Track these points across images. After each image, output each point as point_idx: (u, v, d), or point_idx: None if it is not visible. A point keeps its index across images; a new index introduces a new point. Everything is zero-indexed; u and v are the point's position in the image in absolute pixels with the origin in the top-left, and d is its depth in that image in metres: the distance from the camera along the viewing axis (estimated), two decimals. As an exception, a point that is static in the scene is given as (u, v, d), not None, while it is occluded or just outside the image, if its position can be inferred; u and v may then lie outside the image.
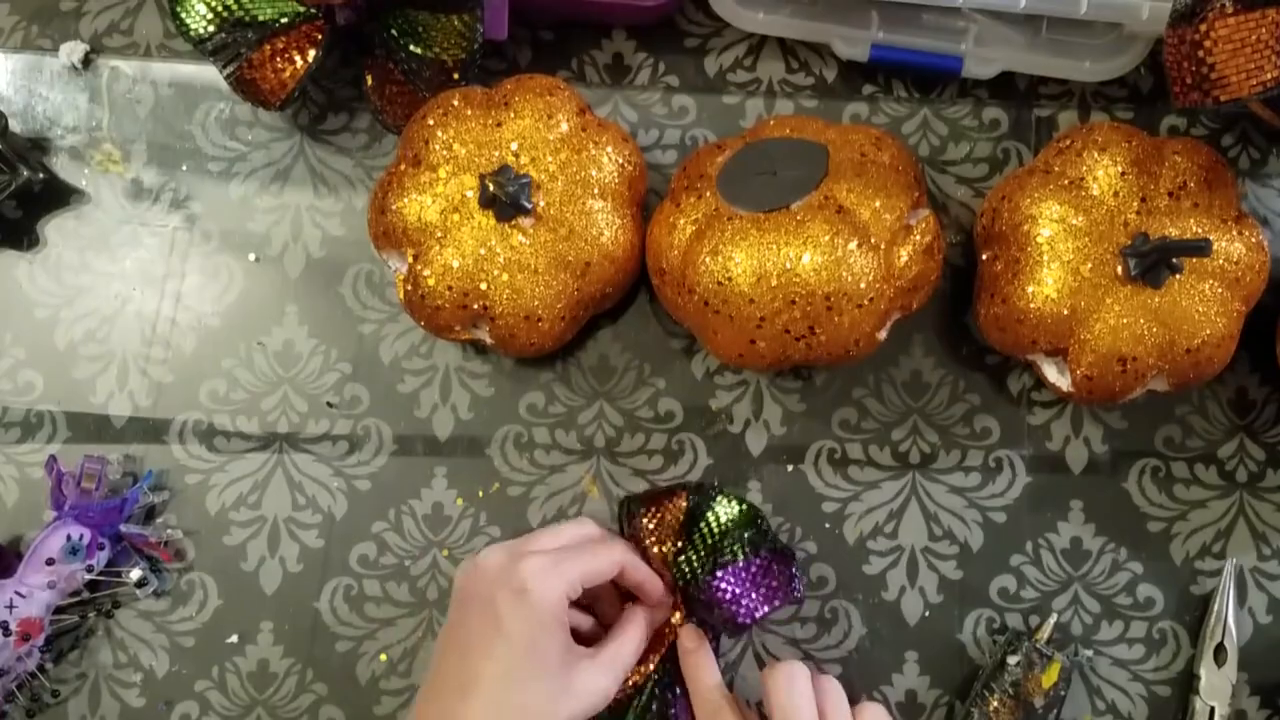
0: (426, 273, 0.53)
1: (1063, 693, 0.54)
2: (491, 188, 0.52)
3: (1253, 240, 0.52)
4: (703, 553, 0.53)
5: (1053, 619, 0.56)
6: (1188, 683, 0.56)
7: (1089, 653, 0.56)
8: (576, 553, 0.51)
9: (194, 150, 0.63)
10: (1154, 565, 0.57)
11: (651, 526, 0.54)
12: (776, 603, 0.52)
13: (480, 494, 0.59)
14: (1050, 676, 0.54)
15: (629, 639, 0.52)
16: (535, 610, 0.48)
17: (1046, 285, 0.51)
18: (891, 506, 0.58)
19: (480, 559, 0.51)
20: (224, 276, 0.62)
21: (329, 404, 0.60)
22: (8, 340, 0.61)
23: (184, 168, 0.63)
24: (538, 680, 0.48)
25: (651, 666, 0.53)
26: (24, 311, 0.62)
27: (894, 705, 0.56)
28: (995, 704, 0.54)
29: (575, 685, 0.49)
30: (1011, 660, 0.54)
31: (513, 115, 0.54)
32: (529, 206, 0.52)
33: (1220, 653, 0.55)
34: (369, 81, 0.60)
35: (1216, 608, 0.56)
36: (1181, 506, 0.57)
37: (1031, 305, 0.51)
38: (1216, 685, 0.55)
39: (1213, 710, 0.55)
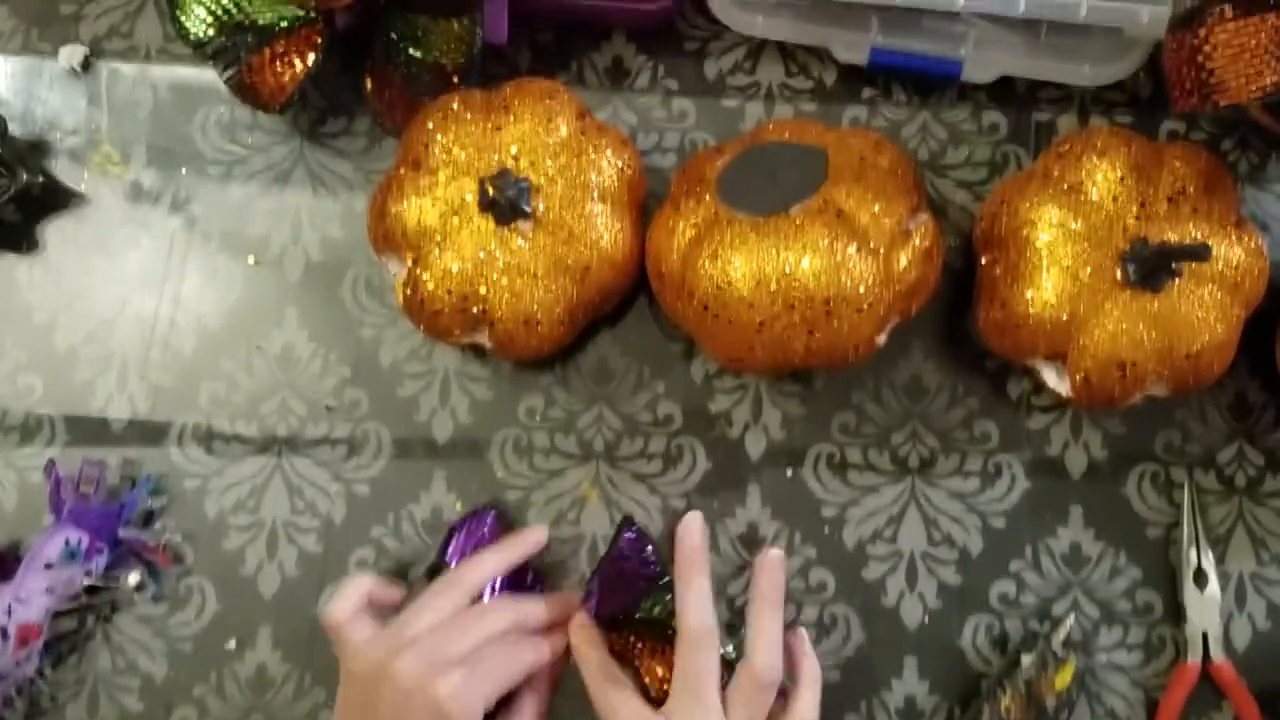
0: (426, 277, 0.53)
1: (1075, 696, 0.54)
2: (491, 191, 0.52)
3: (1252, 245, 0.52)
4: None
5: (1070, 620, 0.55)
6: (1176, 622, 0.56)
7: (1104, 658, 0.56)
8: (499, 660, 0.50)
9: (194, 153, 0.63)
10: (1153, 570, 0.57)
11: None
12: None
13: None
14: (1064, 678, 0.53)
15: None
16: None
17: (1046, 290, 0.51)
18: (891, 511, 0.58)
19: (396, 668, 0.48)
20: (223, 279, 0.62)
21: (328, 407, 0.60)
22: (7, 343, 0.61)
23: (184, 170, 0.63)
24: None
25: None
26: (23, 314, 0.62)
27: (893, 711, 0.56)
28: (1007, 701, 0.53)
29: None
30: (1026, 659, 0.54)
31: (512, 119, 0.54)
32: (528, 210, 0.52)
33: (1200, 577, 0.55)
34: (369, 85, 0.60)
35: (1186, 531, 0.56)
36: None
37: (1031, 310, 0.51)
38: (1204, 610, 0.54)
39: (1205, 636, 0.54)
